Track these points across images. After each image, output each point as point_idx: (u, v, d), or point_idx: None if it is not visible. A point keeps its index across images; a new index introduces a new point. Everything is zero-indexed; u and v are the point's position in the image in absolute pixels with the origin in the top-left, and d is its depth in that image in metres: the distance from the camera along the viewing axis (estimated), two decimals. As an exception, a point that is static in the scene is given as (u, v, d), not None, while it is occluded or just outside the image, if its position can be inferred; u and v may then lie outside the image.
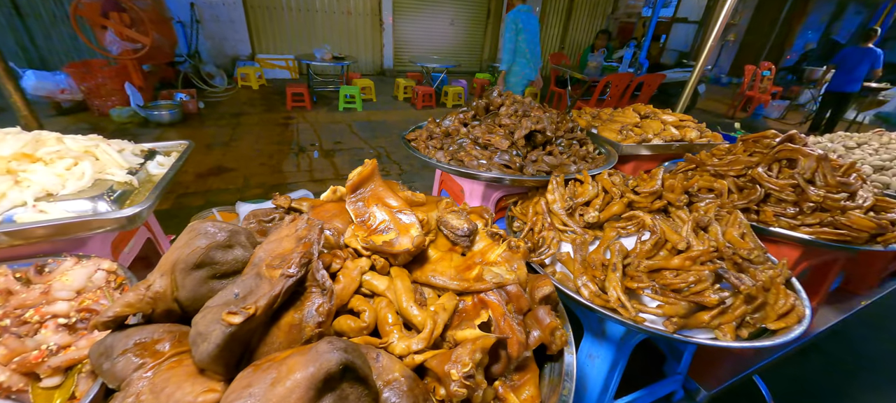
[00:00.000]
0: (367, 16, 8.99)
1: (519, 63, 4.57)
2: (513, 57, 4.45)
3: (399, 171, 5.30)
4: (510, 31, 4.31)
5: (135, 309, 0.66)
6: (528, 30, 4.38)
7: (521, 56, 4.51)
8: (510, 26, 4.31)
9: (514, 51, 4.41)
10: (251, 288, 0.67)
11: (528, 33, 4.40)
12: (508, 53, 4.39)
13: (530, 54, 4.53)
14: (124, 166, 1.24)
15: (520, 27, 4.35)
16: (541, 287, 0.91)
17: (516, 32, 4.34)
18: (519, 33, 4.36)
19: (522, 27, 4.35)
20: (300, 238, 0.68)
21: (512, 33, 4.31)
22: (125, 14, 5.50)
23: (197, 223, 0.74)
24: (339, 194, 1.02)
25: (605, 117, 2.05)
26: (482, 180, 1.49)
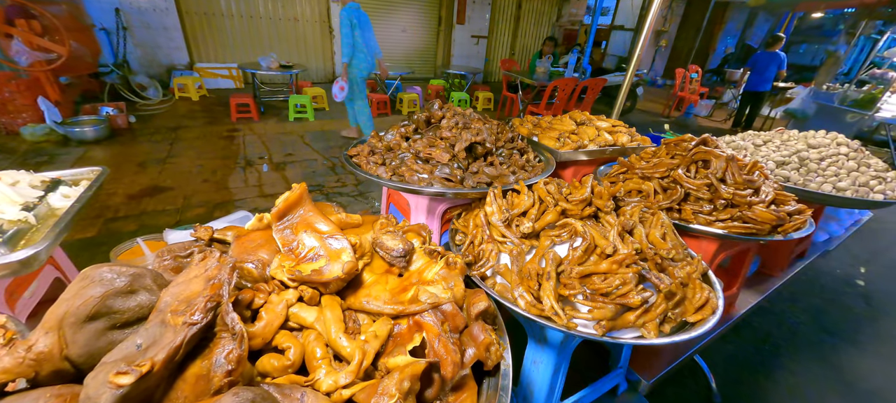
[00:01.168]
0: (315, 23, 8.75)
1: (357, 57, 5.01)
2: (352, 50, 4.87)
3: (355, 182, 5.20)
4: (346, 27, 4.68)
5: (13, 374, 0.58)
6: (362, 25, 4.81)
7: (360, 50, 4.97)
8: (345, 22, 4.67)
9: (352, 45, 4.82)
10: (155, 338, 0.62)
11: (362, 28, 4.84)
12: (347, 47, 4.80)
13: (367, 48, 5.03)
14: (18, 201, 1.10)
15: (354, 23, 4.74)
16: (477, 302, 0.92)
17: (351, 27, 4.72)
18: (354, 28, 4.75)
19: (356, 22, 4.75)
20: (209, 278, 0.64)
21: (348, 29, 4.69)
22: (35, 21, 4.93)
23: (90, 269, 0.67)
24: (266, 222, 0.97)
25: (544, 125, 2.14)
26: (425, 194, 1.49)
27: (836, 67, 9.20)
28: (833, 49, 10.16)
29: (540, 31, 11.36)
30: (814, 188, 1.89)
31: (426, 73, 10.74)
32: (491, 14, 10.28)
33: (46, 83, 5.28)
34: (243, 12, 7.94)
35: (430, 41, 10.43)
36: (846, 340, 3.01)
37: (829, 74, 8.77)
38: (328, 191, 4.84)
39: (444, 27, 10.12)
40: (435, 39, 10.43)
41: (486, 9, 10.18)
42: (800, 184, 1.95)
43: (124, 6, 6.79)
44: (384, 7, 9.41)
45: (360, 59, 5.06)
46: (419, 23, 9.98)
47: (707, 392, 2.33)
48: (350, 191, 4.93)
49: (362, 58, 5.07)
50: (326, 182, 5.06)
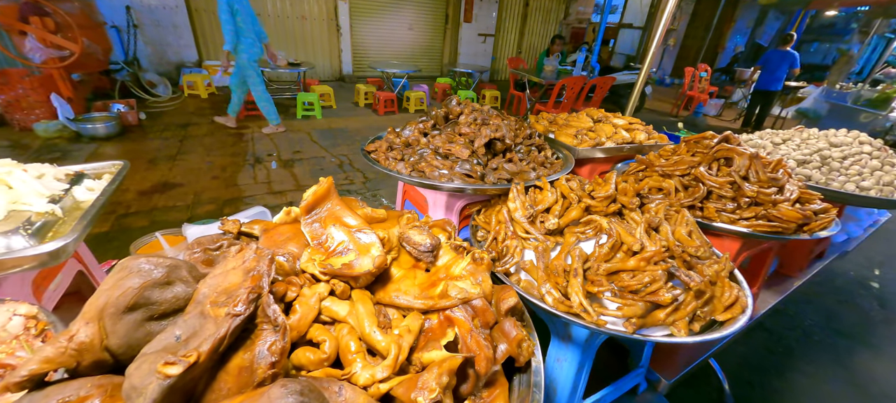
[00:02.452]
0: (322, 21, 8.76)
1: (244, 42, 5.03)
2: (235, 37, 4.89)
3: (363, 180, 5.20)
4: (226, 12, 4.69)
5: (55, 364, 0.58)
6: (242, 9, 4.83)
7: (245, 35, 4.99)
8: (225, 8, 4.68)
9: (234, 32, 4.85)
10: (194, 330, 0.62)
11: (244, 13, 4.86)
12: (230, 34, 4.82)
13: (253, 32, 5.06)
14: (44, 194, 1.11)
15: (235, 8, 4.76)
16: (506, 298, 0.91)
17: (232, 14, 4.76)
18: (235, 14, 4.80)
19: (237, 8, 4.78)
20: (248, 270, 0.63)
21: (228, 15, 4.71)
22: (49, 19, 4.98)
23: (128, 259, 0.67)
24: (294, 215, 0.96)
25: (561, 122, 2.12)
26: (445, 190, 1.49)
27: (848, 66, 9.08)
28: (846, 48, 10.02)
29: (547, 30, 11.30)
30: (837, 187, 1.86)
31: (432, 72, 10.73)
32: (498, 12, 10.24)
33: (59, 80, 5.33)
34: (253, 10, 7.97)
35: (437, 39, 10.41)
36: (860, 342, 2.97)
37: (842, 73, 8.65)
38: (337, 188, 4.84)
39: (451, 25, 10.10)
40: (441, 37, 10.41)
41: (493, 7, 10.14)
42: (822, 182, 1.92)
43: (135, 4, 6.84)
44: (391, 5, 9.41)
45: (247, 43, 5.07)
46: (426, 21, 9.97)
47: (719, 394, 2.31)
48: (358, 189, 4.94)
49: (250, 42, 5.08)
50: (335, 179, 5.06)
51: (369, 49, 9.63)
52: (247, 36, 5.01)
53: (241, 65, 5.23)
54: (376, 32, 9.51)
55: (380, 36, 9.60)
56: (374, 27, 9.43)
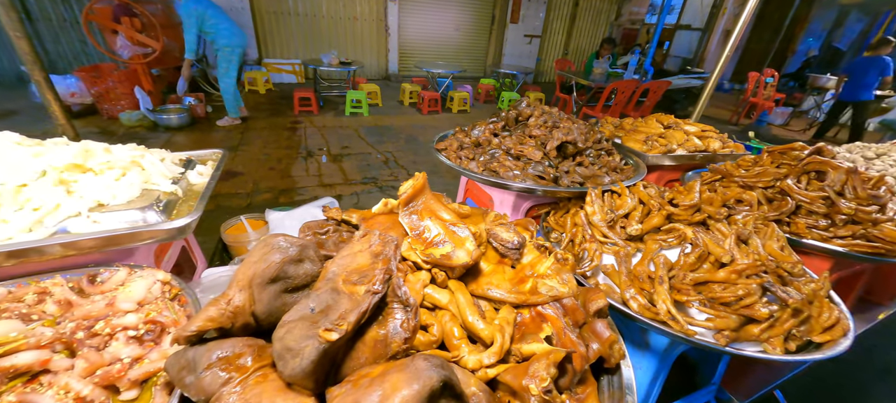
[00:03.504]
0: (372, 21, 9.05)
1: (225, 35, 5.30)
2: (195, 45, 5.24)
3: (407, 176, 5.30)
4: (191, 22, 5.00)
5: (217, 323, 0.67)
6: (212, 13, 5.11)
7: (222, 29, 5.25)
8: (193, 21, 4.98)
9: (196, 39, 5.19)
10: (328, 303, 0.68)
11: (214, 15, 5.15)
12: (191, 43, 5.18)
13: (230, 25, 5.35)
14: (168, 176, 1.25)
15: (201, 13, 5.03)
16: (595, 300, 0.92)
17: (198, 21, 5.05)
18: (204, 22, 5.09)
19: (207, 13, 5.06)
20: (376, 254, 0.70)
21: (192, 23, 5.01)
22: (136, 19, 5.53)
23: (269, 237, 0.75)
24: (391, 207, 1.03)
25: (628, 127, 2.07)
26: (514, 190, 1.51)
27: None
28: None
29: (596, 31, 10.96)
30: (946, 209, 1.68)
31: (476, 72, 10.75)
32: (546, 13, 10.07)
33: (142, 74, 5.89)
34: (308, 11, 8.40)
35: (482, 40, 10.42)
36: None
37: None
38: (382, 184, 4.99)
39: (497, 26, 10.06)
40: (487, 38, 10.40)
41: (541, 8, 9.98)
42: (927, 203, 1.74)
43: (208, 3, 7.43)
44: (439, 5, 9.53)
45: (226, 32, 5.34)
46: (472, 21, 10.00)
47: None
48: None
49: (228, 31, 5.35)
50: (380, 175, 5.21)
51: (415, 49, 9.83)
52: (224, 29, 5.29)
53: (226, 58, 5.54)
54: (423, 33, 9.69)
55: (426, 36, 9.77)
56: (420, 27, 9.60)
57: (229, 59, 5.56)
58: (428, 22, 9.63)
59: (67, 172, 1.07)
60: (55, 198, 1.01)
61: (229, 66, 5.63)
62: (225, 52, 5.47)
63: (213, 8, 5.14)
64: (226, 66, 5.62)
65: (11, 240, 0.95)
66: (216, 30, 5.22)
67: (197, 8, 4.95)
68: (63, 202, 1.02)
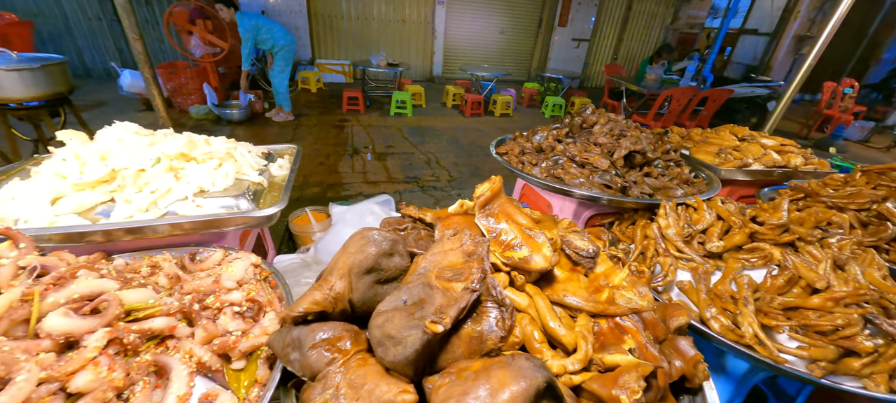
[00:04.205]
0: (420, 24, 9.23)
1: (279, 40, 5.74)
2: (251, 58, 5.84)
3: (448, 178, 5.36)
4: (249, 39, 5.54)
5: (321, 306, 0.72)
6: (264, 24, 5.58)
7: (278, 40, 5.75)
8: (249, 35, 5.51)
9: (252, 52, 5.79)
10: (421, 297, 0.72)
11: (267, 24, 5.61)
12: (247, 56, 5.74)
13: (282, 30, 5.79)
14: (256, 168, 1.36)
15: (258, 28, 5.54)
16: (676, 316, 0.90)
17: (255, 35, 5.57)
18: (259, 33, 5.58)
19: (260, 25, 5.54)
20: (469, 253, 0.72)
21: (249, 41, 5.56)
22: (209, 21, 6.01)
23: (365, 230, 0.80)
24: (466, 208, 1.06)
25: (697, 138, 1.97)
26: (576, 197, 1.49)
27: None
28: None
29: (649, 35, 10.48)
30: None
31: (520, 76, 10.64)
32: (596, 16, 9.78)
33: (210, 72, 6.40)
34: (359, 14, 8.72)
35: (527, 43, 10.30)
36: None
37: None
38: (424, 184, 5.06)
39: (544, 29, 9.90)
40: (532, 41, 10.26)
41: (592, 11, 9.70)
42: None
43: (268, 8, 7.93)
44: (486, 8, 9.54)
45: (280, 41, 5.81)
46: (518, 25, 9.92)
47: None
48: (443, 186, 5.09)
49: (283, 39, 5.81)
50: (422, 175, 5.30)
51: (460, 52, 9.90)
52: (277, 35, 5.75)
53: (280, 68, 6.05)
54: (468, 35, 9.74)
55: (471, 39, 9.81)
56: (466, 30, 9.66)
57: (285, 58, 5.97)
58: (473, 24, 9.67)
59: (176, 160, 1.19)
60: (167, 182, 1.13)
61: (285, 66, 6.03)
62: (280, 54, 5.90)
63: (264, 19, 5.65)
64: (281, 65, 6.02)
65: (132, 218, 1.08)
66: (270, 36, 5.69)
67: (251, 23, 5.44)
68: (173, 187, 1.14)
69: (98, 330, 0.63)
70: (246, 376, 0.77)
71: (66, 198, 1.05)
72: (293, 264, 1.68)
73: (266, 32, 5.65)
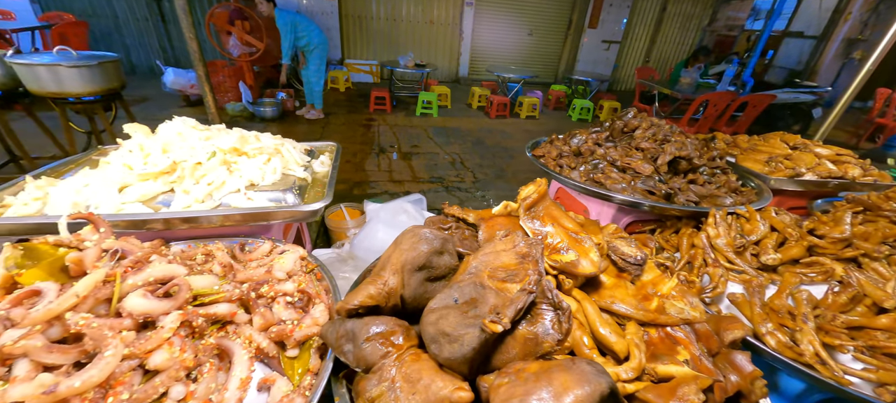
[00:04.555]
0: (447, 25, 9.27)
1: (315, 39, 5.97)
2: (290, 51, 5.96)
3: (473, 179, 5.35)
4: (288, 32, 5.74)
5: (375, 300, 0.74)
6: (302, 21, 5.83)
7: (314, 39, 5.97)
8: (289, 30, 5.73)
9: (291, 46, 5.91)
10: (472, 296, 0.73)
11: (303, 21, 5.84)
12: (287, 50, 5.92)
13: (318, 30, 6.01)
14: (300, 164, 1.41)
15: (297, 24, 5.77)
16: (732, 329, 0.86)
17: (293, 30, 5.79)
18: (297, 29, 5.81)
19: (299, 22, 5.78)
20: (523, 255, 0.72)
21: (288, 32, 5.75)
22: (246, 22, 6.25)
23: (417, 228, 0.82)
24: (510, 210, 1.06)
25: (743, 145, 1.89)
26: (616, 202, 1.46)
27: None
28: None
29: (684, 38, 10.11)
30: None
31: (547, 78, 10.50)
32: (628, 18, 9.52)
33: (246, 71, 6.65)
34: (389, 15, 8.85)
35: (555, 45, 10.15)
36: None
37: None
38: (448, 184, 5.08)
39: (573, 31, 9.73)
40: (561, 43, 10.11)
41: (624, 12, 9.45)
42: None
43: (302, 9, 8.17)
44: (514, 10, 9.48)
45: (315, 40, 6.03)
46: (547, 26, 9.79)
47: None
48: (468, 187, 5.09)
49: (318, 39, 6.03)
50: (447, 175, 5.31)
51: (486, 53, 9.88)
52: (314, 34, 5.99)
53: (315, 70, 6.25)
54: (495, 37, 9.70)
55: (498, 40, 9.77)
56: (493, 31, 9.63)
57: (321, 57, 6.16)
58: (501, 26, 9.62)
59: (229, 155, 1.25)
60: (222, 175, 1.19)
61: (321, 64, 6.22)
62: (315, 52, 6.08)
63: (302, 18, 5.87)
64: (317, 64, 6.20)
65: (191, 208, 1.14)
66: (307, 34, 5.89)
67: (289, 18, 5.65)
68: (227, 180, 1.19)
69: (172, 313, 0.67)
70: (299, 364, 0.80)
71: (131, 186, 1.12)
72: (329, 258, 1.73)
73: (303, 29, 5.85)
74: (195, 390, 0.66)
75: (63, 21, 6.08)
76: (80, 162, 1.39)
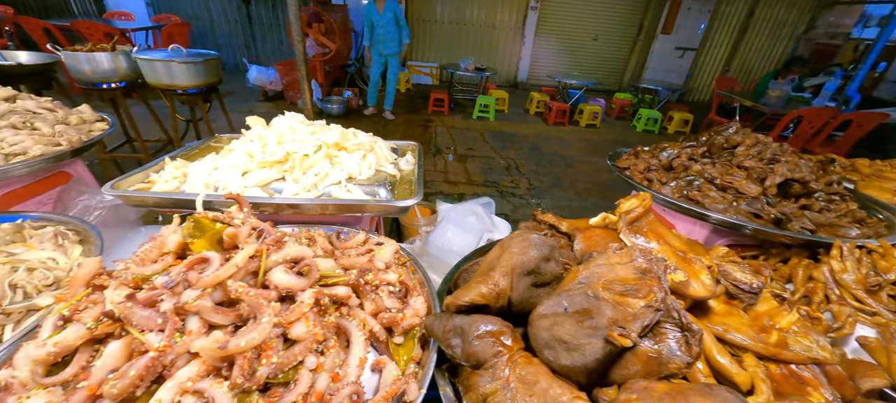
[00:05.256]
0: (510, 29, 9.22)
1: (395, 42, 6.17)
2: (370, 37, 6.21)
3: (528, 186, 5.27)
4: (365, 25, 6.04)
5: (485, 299, 0.77)
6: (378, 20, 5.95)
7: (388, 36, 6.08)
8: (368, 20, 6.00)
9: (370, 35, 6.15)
10: (585, 306, 0.72)
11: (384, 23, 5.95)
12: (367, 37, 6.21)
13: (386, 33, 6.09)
14: (390, 161, 1.49)
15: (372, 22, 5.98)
16: (870, 376, 0.77)
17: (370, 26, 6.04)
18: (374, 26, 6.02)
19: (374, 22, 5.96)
20: (643, 270, 0.71)
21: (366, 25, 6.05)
22: (322, 24, 6.70)
23: (526, 233, 0.83)
24: (608, 222, 1.03)
25: (865, 170, 1.67)
26: (712, 223, 1.36)
27: None
28: None
29: (773, 46, 9.13)
30: None
31: (611, 85, 10.04)
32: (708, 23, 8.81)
33: (319, 70, 7.12)
34: (452, 19, 9.01)
35: (622, 51, 9.67)
36: None
37: None
38: (502, 189, 5.04)
39: (644, 36, 9.21)
40: (628, 49, 9.61)
41: (703, 17, 8.75)
42: None
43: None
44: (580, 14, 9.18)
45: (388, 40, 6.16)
46: (615, 31, 9.36)
47: None
48: (522, 194, 5.01)
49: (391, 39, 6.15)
50: (501, 180, 5.28)
51: (548, 57, 9.67)
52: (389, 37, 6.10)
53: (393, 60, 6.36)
54: (558, 41, 9.47)
55: (561, 45, 9.52)
56: (557, 36, 9.40)
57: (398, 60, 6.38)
58: (565, 30, 9.37)
59: (332, 149, 1.35)
60: (326, 168, 1.29)
61: (398, 67, 6.47)
62: (395, 57, 6.33)
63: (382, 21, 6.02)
64: (396, 68, 6.47)
65: (299, 196, 1.25)
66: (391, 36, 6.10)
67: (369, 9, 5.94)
68: (330, 172, 1.29)
69: (307, 290, 0.75)
70: (404, 351, 0.85)
71: (252, 172, 1.26)
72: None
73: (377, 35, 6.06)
74: (323, 362, 0.73)
75: (171, 22, 6.94)
76: (202, 148, 1.58)
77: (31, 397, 0.64)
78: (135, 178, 1.30)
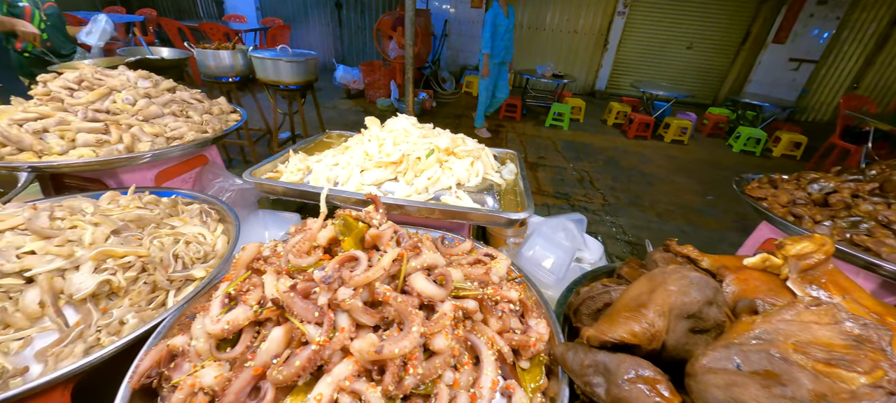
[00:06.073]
0: (592, 35, 8.78)
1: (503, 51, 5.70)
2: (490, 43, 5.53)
3: (602, 201, 4.94)
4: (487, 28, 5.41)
5: (637, 339, 0.70)
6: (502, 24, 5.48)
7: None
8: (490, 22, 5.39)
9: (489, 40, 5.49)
10: (767, 369, 0.61)
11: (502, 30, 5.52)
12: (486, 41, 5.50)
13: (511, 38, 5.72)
14: (497, 169, 1.46)
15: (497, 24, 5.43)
16: None
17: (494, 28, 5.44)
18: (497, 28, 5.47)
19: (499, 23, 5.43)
20: (859, 339, 0.58)
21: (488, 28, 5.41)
22: (405, 28, 6.98)
23: (684, 270, 0.74)
24: (769, 265, 0.89)
25: None
26: (883, 274, 1.12)
27: None
28: None
29: (924, 60, 7.54)
30: None
31: (703, 99, 9.08)
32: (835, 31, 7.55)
33: (397, 71, 7.42)
34: (531, 24, 8.83)
35: (721, 61, 8.67)
36: None
37: None
38: (574, 202, 4.79)
39: (750, 45, 8.16)
40: (729, 59, 8.59)
41: (829, 25, 7.52)
42: None
43: (451, 18, 8.75)
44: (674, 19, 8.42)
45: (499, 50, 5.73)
46: (714, 38, 8.43)
47: None
48: (596, 209, 4.71)
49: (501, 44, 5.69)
50: (573, 193, 5.02)
51: (632, 66, 9.03)
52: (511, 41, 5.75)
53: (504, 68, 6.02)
54: (646, 49, 8.78)
55: (648, 52, 8.82)
56: (644, 43, 8.73)
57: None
58: (655, 37, 8.66)
59: (444, 154, 1.36)
60: (437, 172, 1.30)
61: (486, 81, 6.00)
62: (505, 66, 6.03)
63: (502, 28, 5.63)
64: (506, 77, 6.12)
65: (411, 198, 1.27)
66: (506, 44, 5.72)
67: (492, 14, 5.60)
68: (441, 177, 1.30)
69: (447, 301, 0.74)
70: (530, 377, 0.80)
71: (368, 171, 1.31)
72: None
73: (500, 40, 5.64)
74: (459, 378, 0.71)
75: (275, 25, 7.72)
76: (317, 143, 1.70)
77: (205, 367, 0.71)
78: (266, 167, 1.43)
